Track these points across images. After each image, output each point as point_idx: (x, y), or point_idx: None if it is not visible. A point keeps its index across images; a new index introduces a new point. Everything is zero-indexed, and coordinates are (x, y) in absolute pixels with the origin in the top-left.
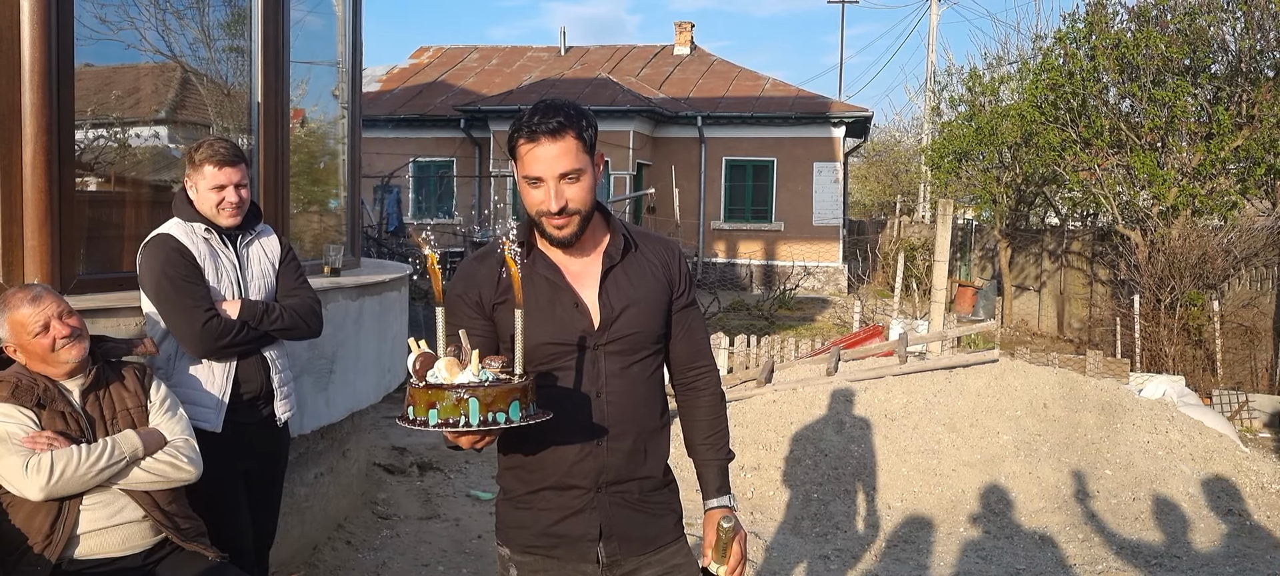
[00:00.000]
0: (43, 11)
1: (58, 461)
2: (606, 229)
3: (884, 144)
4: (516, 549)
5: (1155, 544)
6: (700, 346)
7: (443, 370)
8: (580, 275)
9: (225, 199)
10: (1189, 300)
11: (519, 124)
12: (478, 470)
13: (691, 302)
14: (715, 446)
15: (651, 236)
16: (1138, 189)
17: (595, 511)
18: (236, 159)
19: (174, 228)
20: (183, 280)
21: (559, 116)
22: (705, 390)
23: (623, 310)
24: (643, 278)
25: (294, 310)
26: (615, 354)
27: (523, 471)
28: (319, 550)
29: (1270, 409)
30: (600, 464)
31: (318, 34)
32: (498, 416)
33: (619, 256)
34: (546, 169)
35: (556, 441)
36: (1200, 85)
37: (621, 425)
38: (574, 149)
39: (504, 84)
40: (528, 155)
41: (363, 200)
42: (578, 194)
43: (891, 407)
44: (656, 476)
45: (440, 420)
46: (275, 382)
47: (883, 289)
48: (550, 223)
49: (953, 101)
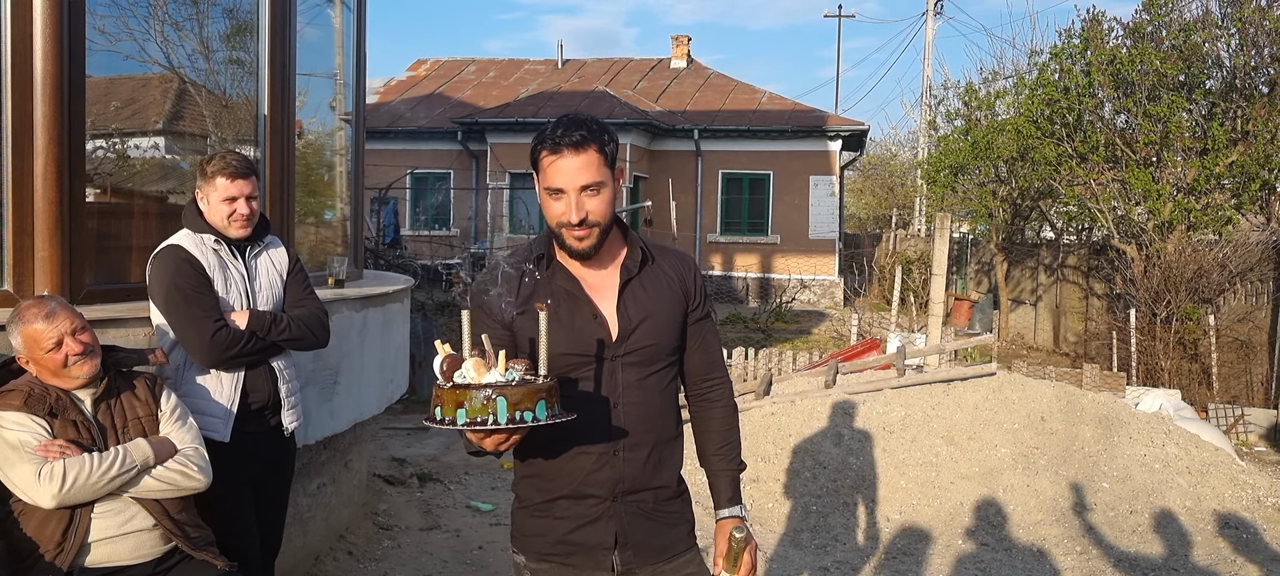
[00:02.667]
0: (55, 25)
1: (70, 470)
2: (624, 242)
3: (880, 157)
4: (532, 556)
5: (1152, 556)
6: (714, 358)
7: (471, 370)
8: (598, 287)
9: (236, 211)
10: (1185, 314)
11: (542, 136)
12: (477, 481)
13: (706, 315)
14: (727, 457)
15: (668, 250)
16: (1133, 204)
17: (611, 520)
18: (248, 171)
19: (184, 239)
20: (193, 291)
21: (582, 130)
22: (718, 401)
23: (640, 322)
24: (659, 290)
25: (301, 321)
26: (632, 365)
27: (539, 480)
28: (321, 560)
29: (1266, 422)
30: (616, 473)
31: (315, 46)
32: (525, 415)
33: (636, 269)
34: (568, 181)
35: (573, 450)
36: (1195, 101)
37: (638, 435)
38: (596, 162)
39: (501, 96)
40: (550, 167)
41: (362, 211)
42: (598, 207)
43: (889, 420)
44: (671, 486)
45: (468, 419)
46: (283, 393)
47: (879, 302)
48: (570, 234)
49: (949, 116)
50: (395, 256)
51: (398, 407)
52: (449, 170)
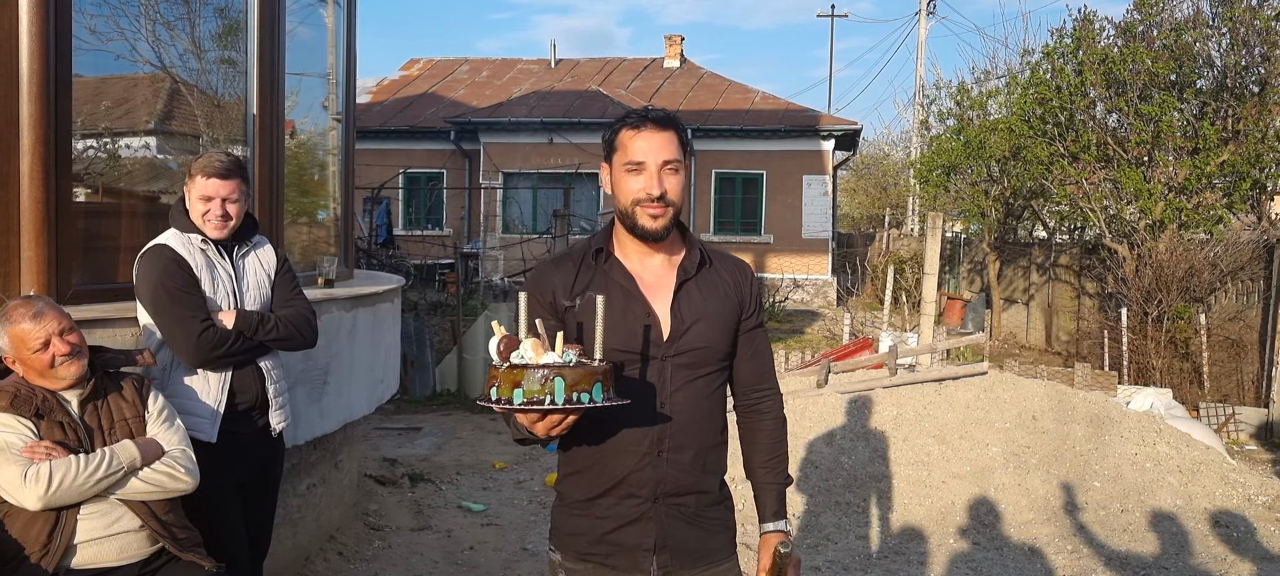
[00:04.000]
0: (41, 22)
1: (56, 471)
2: (683, 243)
3: (873, 157)
4: (570, 555)
5: (1144, 555)
6: (765, 369)
7: (529, 350)
8: (655, 286)
9: (211, 211)
10: (1176, 313)
11: (622, 118)
12: (469, 482)
13: (759, 325)
14: (774, 470)
15: (726, 256)
16: (1124, 203)
17: (651, 522)
18: (229, 173)
19: (170, 238)
20: (179, 290)
21: (665, 112)
22: (768, 413)
23: (693, 324)
24: (715, 294)
25: (289, 321)
26: (682, 366)
27: (582, 477)
28: (311, 561)
29: (1256, 421)
30: (659, 474)
31: (308, 45)
32: (582, 397)
33: (694, 270)
34: (651, 155)
35: (617, 448)
36: (1186, 100)
37: (682, 437)
38: (676, 143)
39: (494, 96)
40: (631, 142)
41: (353, 211)
42: (675, 186)
43: (881, 420)
44: (713, 491)
45: (526, 399)
46: (270, 393)
47: (872, 302)
48: (646, 210)
49: (941, 115)
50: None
51: (389, 408)
52: (442, 170)
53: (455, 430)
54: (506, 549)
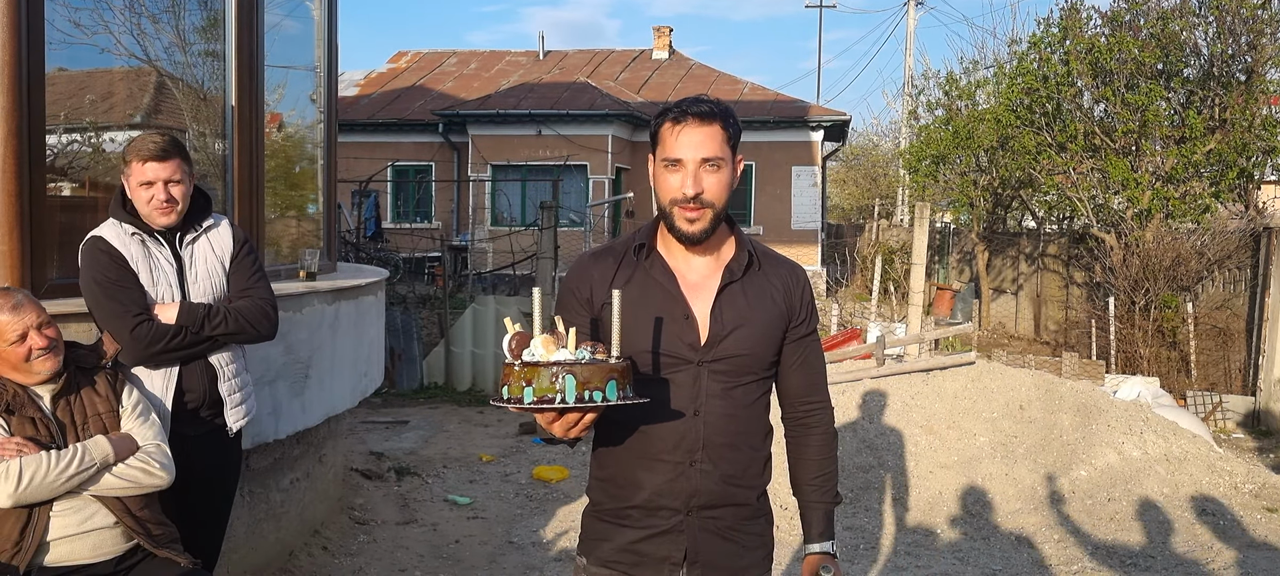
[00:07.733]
0: (12, 14)
1: (26, 468)
2: (732, 243)
3: (862, 148)
4: (595, 562)
5: (1131, 544)
6: (816, 380)
7: (540, 347)
8: (697, 287)
9: (155, 196)
10: (1163, 302)
11: (665, 110)
12: (455, 475)
13: (811, 333)
14: (822, 488)
15: (778, 258)
16: (1112, 192)
17: (682, 534)
18: (166, 154)
19: (105, 229)
20: (112, 283)
21: (710, 104)
22: (817, 427)
23: (733, 329)
24: (761, 299)
25: (241, 313)
26: (719, 373)
27: (612, 486)
28: (295, 556)
29: (1243, 409)
30: (692, 486)
31: (295, 39)
32: (594, 395)
33: (740, 273)
34: (689, 151)
35: (649, 457)
36: (1173, 89)
37: (716, 448)
38: (720, 138)
39: (482, 88)
40: (670, 137)
41: (341, 205)
42: (715, 185)
43: (869, 410)
44: (750, 504)
45: (536, 397)
46: (224, 391)
47: (862, 292)
48: (682, 213)
49: (930, 106)
50: (377, 249)
51: (376, 401)
52: (430, 162)
53: (442, 423)
54: (492, 542)
